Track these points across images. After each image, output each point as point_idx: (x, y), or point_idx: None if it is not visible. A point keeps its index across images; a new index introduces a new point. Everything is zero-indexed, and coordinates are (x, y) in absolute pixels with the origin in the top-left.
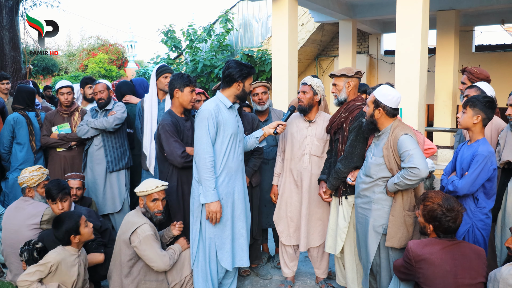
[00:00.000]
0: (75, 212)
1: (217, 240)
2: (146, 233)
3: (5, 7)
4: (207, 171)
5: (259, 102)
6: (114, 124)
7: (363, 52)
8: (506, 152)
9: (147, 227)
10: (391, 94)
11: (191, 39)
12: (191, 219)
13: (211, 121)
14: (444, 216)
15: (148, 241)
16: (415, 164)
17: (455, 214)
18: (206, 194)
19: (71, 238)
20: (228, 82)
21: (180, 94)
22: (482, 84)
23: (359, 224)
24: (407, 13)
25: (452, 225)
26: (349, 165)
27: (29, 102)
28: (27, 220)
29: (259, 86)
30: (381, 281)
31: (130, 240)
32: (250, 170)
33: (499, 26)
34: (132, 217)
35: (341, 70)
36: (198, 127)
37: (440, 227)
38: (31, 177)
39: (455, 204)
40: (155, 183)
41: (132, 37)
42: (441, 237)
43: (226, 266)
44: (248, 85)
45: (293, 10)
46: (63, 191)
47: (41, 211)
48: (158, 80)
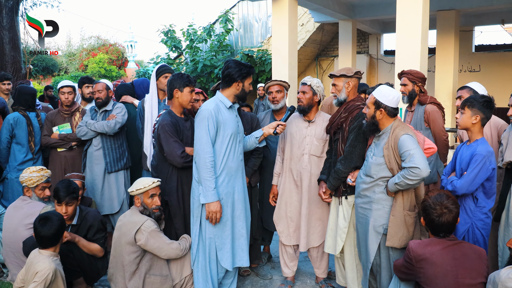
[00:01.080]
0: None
1: (217, 240)
2: (150, 228)
3: (5, 7)
4: (207, 171)
5: (273, 101)
6: (116, 129)
7: (363, 52)
8: (508, 153)
9: (150, 223)
10: (391, 94)
11: (191, 39)
12: (191, 219)
13: (211, 121)
14: (430, 208)
15: (155, 235)
16: (416, 164)
17: (440, 209)
18: (206, 194)
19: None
20: (228, 82)
21: (180, 94)
22: (473, 84)
23: (359, 224)
24: (407, 13)
25: (436, 219)
26: (349, 165)
27: (30, 103)
28: (24, 219)
29: (273, 85)
30: (381, 281)
31: (136, 239)
32: (249, 170)
33: (499, 26)
34: (130, 217)
35: (340, 70)
36: (198, 127)
37: (431, 223)
38: (30, 177)
39: (446, 201)
40: (151, 179)
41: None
42: (433, 233)
43: (226, 266)
44: (247, 85)
45: (293, 10)
46: (71, 195)
47: (37, 210)
48: (158, 80)
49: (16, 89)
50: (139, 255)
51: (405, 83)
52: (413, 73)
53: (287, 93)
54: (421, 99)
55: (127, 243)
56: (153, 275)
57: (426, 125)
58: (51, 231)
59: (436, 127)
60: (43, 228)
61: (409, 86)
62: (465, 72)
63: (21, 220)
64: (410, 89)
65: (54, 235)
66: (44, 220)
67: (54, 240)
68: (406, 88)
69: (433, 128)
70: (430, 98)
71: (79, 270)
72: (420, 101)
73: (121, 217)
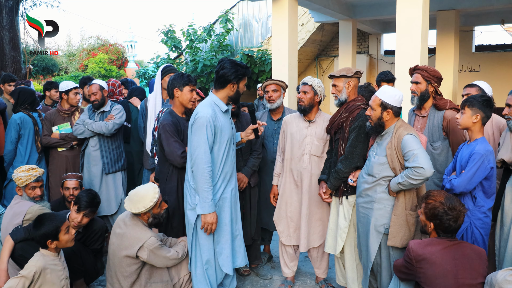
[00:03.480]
0: (59, 216)
1: (216, 246)
2: (153, 245)
3: (5, 7)
4: (205, 182)
5: (269, 100)
6: (113, 130)
7: (363, 52)
8: (502, 151)
9: (153, 240)
10: (396, 94)
11: (191, 39)
12: (186, 224)
13: (209, 129)
14: (445, 215)
15: (157, 252)
16: (420, 164)
17: (456, 213)
18: (203, 205)
19: (47, 242)
20: (222, 83)
21: (180, 93)
22: (480, 82)
23: (360, 224)
24: (407, 13)
25: (453, 224)
26: (349, 165)
27: (33, 103)
28: (12, 219)
29: (270, 84)
30: (382, 281)
31: (138, 256)
32: (249, 170)
33: (499, 26)
34: (133, 230)
35: (340, 71)
36: (196, 134)
37: (441, 226)
38: (18, 177)
39: (457, 204)
40: (154, 190)
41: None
42: (440, 235)
43: (227, 271)
44: (242, 86)
45: (293, 10)
46: (93, 209)
47: (24, 210)
48: (163, 80)
49: (17, 90)
50: (139, 266)
51: (418, 80)
52: (429, 70)
53: (284, 93)
54: (439, 103)
55: (128, 257)
56: (154, 282)
57: (444, 134)
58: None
59: (456, 138)
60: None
61: (422, 85)
62: (465, 72)
63: (10, 220)
64: (423, 89)
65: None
66: (37, 220)
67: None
68: (418, 87)
69: (452, 138)
70: (450, 103)
71: (84, 269)
72: (438, 106)
73: (121, 223)
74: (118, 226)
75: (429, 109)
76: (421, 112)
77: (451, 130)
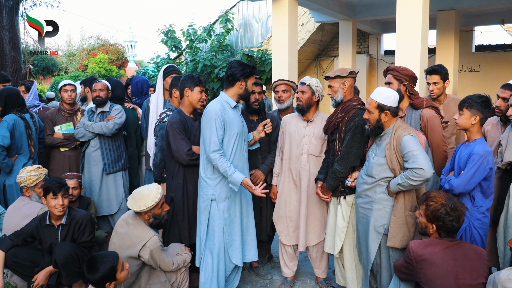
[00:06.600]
0: (110, 255)
1: (226, 237)
2: (155, 245)
3: (5, 7)
4: (223, 163)
5: (278, 100)
6: (114, 130)
7: (363, 52)
8: (508, 153)
9: (155, 239)
10: (391, 95)
11: (191, 39)
12: (198, 219)
13: (218, 122)
14: (448, 216)
15: (158, 252)
16: (419, 165)
17: (459, 214)
18: (233, 180)
19: (106, 285)
20: (231, 82)
21: (190, 93)
22: None
23: (359, 224)
24: (407, 13)
25: (456, 225)
26: (346, 165)
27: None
28: (21, 220)
29: (280, 84)
30: (382, 281)
31: (140, 255)
32: (266, 168)
33: (499, 26)
34: (135, 229)
35: (335, 72)
36: (205, 127)
37: (444, 227)
38: (28, 177)
39: (458, 204)
40: (157, 190)
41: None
42: (442, 236)
43: (236, 262)
44: (250, 85)
45: (293, 10)
46: (65, 187)
47: (35, 212)
48: (165, 80)
49: (3, 95)
50: (139, 268)
51: (390, 81)
52: (399, 69)
53: (294, 94)
54: (415, 102)
55: (130, 257)
56: (153, 284)
57: (422, 133)
58: (96, 277)
59: (435, 136)
60: (88, 273)
61: (394, 85)
62: (465, 72)
63: (19, 222)
64: (395, 89)
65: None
66: (89, 264)
67: (96, 285)
68: (390, 87)
69: (431, 137)
70: (426, 101)
71: (82, 271)
72: (414, 105)
73: (123, 222)
74: (120, 226)
75: (406, 109)
76: (398, 112)
77: (429, 128)
